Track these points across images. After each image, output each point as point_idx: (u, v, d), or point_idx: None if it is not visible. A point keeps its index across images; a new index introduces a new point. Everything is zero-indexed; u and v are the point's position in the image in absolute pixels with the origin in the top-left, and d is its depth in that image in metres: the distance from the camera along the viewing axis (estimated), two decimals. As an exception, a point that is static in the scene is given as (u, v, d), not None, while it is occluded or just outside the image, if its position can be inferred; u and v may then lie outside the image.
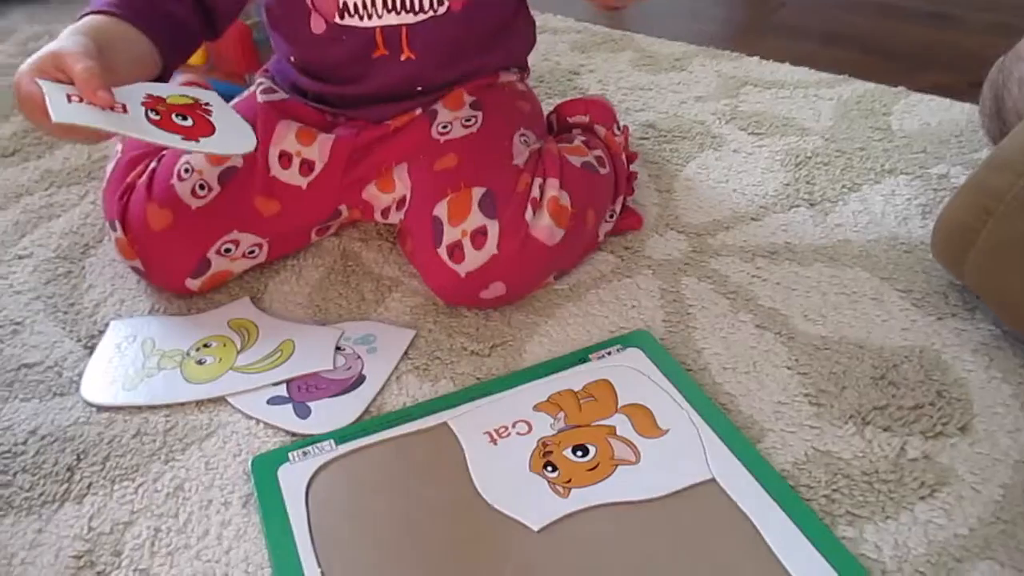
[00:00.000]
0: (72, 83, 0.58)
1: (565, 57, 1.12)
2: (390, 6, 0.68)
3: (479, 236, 0.65)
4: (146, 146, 0.76)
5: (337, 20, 0.69)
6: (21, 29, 1.37)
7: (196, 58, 0.98)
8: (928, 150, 0.88)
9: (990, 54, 0.86)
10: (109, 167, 0.75)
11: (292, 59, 0.74)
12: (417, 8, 0.68)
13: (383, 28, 0.69)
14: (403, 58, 0.70)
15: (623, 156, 0.78)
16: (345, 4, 0.68)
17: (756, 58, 1.11)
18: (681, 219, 0.79)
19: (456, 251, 0.65)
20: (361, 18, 0.68)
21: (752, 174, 0.86)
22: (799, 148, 0.90)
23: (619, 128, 0.81)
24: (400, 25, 0.69)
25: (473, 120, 0.72)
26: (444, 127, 0.72)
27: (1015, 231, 0.59)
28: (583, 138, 0.77)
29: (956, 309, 0.67)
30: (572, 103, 0.84)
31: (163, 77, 0.69)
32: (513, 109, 0.75)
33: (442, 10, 0.69)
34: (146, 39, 0.66)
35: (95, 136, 0.61)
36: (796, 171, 0.86)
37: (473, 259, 0.65)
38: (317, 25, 0.69)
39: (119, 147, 0.78)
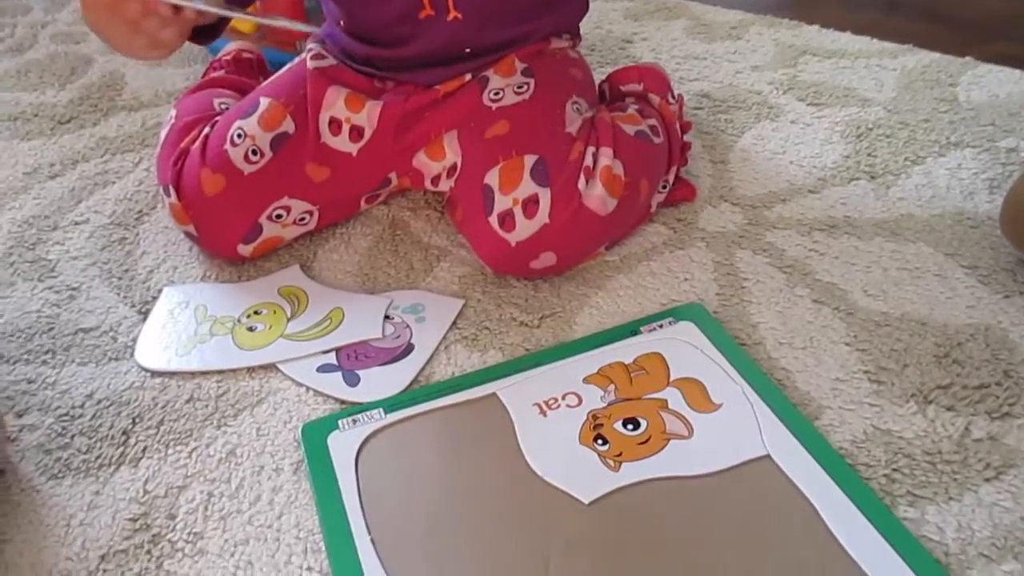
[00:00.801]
0: None
1: (617, 25, 1.10)
2: None
3: (531, 205, 0.64)
4: (201, 111, 0.77)
5: None
6: (77, -1, 1.38)
7: (247, 26, 0.98)
8: (996, 123, 0.85)
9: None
10: (163, 132, 0.76)
11: (341, 23, 0.73)
12: None
13: None
14: (450, 18, 0.69)
15: (677, 126, 0.76)
16: None
17: (816, 26, 1.08)
18: (736, 191, 0.77)
19: (507, 219, 0.65)
20: None
21: (810, 145, 0.83)
22: (860, 119, 0.87)
23: (674, 97, 0.79)
24: None
25: (525, 87, 0.71)
26: (496, 94, 0.71)
27: (1093, 205, 0.57)
28: (637, 107, 0.75)
29: (1025, 287, 0.64)
30: (626, 71, 0.82)
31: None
32: (565, 76, 0.74)
33: None
34: None
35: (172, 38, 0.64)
36: (857, 143, 0.83)
37: (524, 228, 0.64)
38: None
39: (173, 112, 0.78)
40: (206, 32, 0.69)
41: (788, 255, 0.69)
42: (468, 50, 0.72)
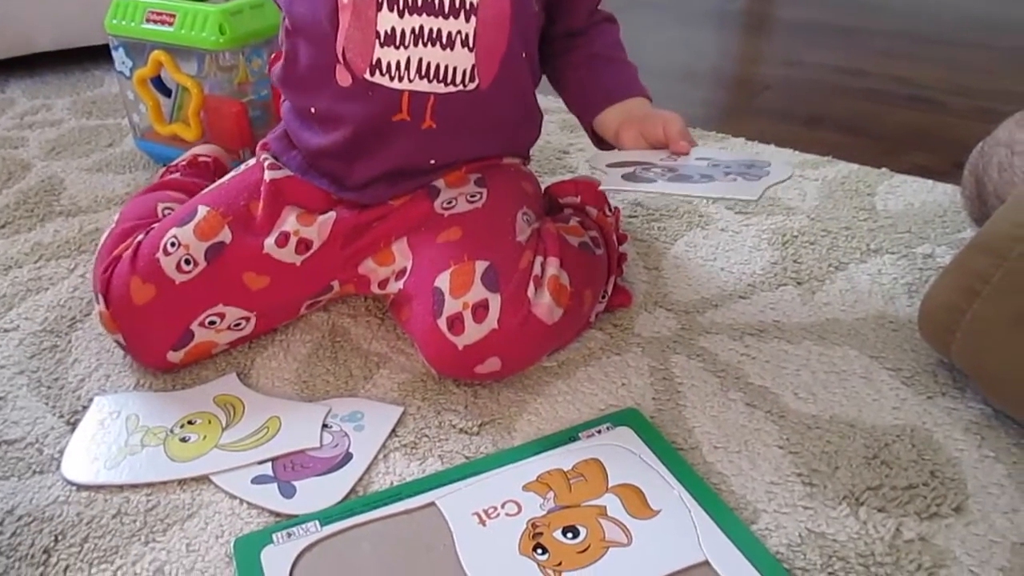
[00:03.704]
0: None
1: (555, 136, 1.15)
2: (423, 73, 0.68)
3: (480, 309, 0.65)
4: (142, 216, 0.77)
5: (367, 76, 0.68)
6: (19, 102, 1.39)
7: (190, 132, 0.99)
8: (913, 230, 0.90)
9: (971, 137, 0.89)
10: (103, 237, 0.76)
11: (312, 111, 0.73)
12: (449, 80, 0.69)
13: (411, 93, 0.69)
14: (424, 126, 0.71)
15: (614, 237, 0.79)
16: (378, 62, 0.67)
17: (741, 139, 1.14)
18: (670, 297, 0.80)
19: (456, 323, 0.65)
20: (391, 79, 0.68)
21: (740, 252, 0.87)
22: (786, 227, 0.91)
23: (610, 210, 0.82)
24: (429, 93, 0.69)
25: (478, 196, 0.73)
26: (448, 202, 0.73)
27: (1001, 312, 0.60)
28: (578, 219, 0.78)
29: (946, 388, 0.67)
30: (563, 184, 0.85)
31: None
32: (517, 188, 0.76)
33: (472, 86, 0.69)
34: None
35: None
36: (783, 250, 0.87)
37: (473, 332, 0.65)
38: (343, 78, 0.69)
39: (115, 217, 0.78)
40: None
41: (721, 359, 0.71)
42: (433, 162, 0.74)
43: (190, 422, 0.66)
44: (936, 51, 1.61)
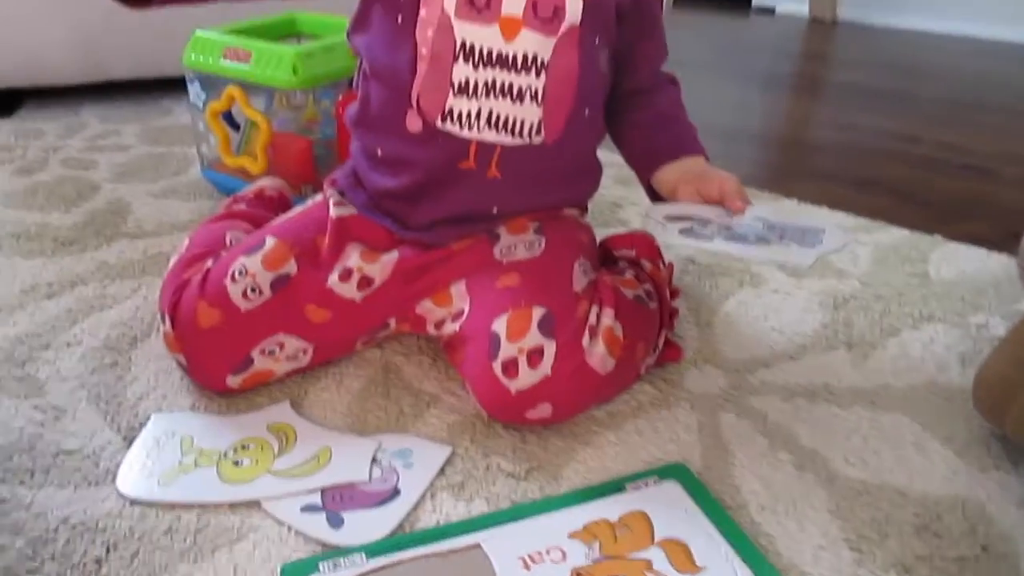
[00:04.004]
0: None
1: (609, 189, 1.16)
2: (492, 123, 0.70)
3: (535, 355, 0.66)
4: (211, 244, 0.79)
5: (437, 124, 0.71)
6: (92, 125, 1.44)
7: (256, 166, 1.03)
8: (966, 299, 0.89)
9: (1025, 207, 0.88)
10: (172, 260, 0.78)
11: (379, 153, 0.76)
12: (517, 132, 0.71)
13: (479, 142, 0.71)
14: (489, 175, 0.73)
15: (667, 291, 0.80)
16: (450, 110, 0.70)
17: (793, 200, 1.14)
18: (720, 354, 0.80)
19: (511, 367, 0.66)
20: (461, 128, 0.70)
21: (791, 313, 0.87)
22: (837, 291, 0.91)
23: (663, 264, 0.83)
24: (496, 144, 0.71)
25: (537, 244, 0.75)
26: (508, 249, 0.75)
27: (1061, 388, 0.60)
28: (632, 272, 0.79)
29: (999, 461, 0.66)
30: (619, 237, 0.86)
31: None
32: (574, 239, 0.78)
33: (538, 140, 0.72)
34: None
35: None
36: (834, 313, 0.87)
37: (526, 377, 0.66)
38: (413, 124, 0.71)
39: (185, 242, 0.80)
40: None
41: (770, 419, 0.71)
42: (495, 210, 0.76)
43: (243, 446, 0.67)
44: (988, 119, 1.61)
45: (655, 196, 0.82)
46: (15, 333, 0.82)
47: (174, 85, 1.28)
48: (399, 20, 0.70)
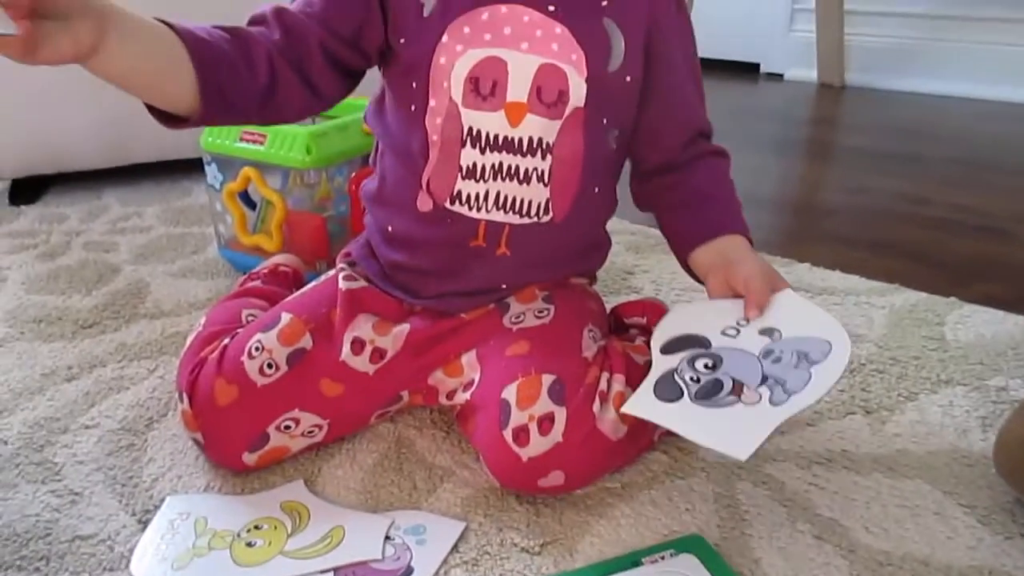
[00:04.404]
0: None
1: (620, 257, 1.17)
2: (500, 204, 0.72)
3: (546, 422, 0.66)
4: (227, 321, 0.80)
5: (447, 205, 0.72)
6: (113, 208, 1.47)
7: (272, 243, 1.05)
8: (984, 361, 0.88)
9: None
10: (189, 338, 0.79)
11: (390, 229, 0.77)
12: (525, 212, 0.72)
13: (488, 222, 0.73)
14: (498, 253, 0.74)
15: (678, 357, 0.79)
16: (459, 193, 0.72)
17: (807, 264, 1.14)
18: (735, 421, 0.79)
19: (521, 435, 0.66)
20: (470, 209, 0.72)
21: (806, 378, 0.86)
22: (853, 355, 0.89)
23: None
24: (505, 223, 0.73)
25: (546, 312, 0.76)
26: (517, 317, 0.76)
27: (1082, 452, 0.58)
28: (644, 338, 0.79)
29: (1025, 529, 0.65)
30: (630, 305, 0.87)
31: (205, 117, 0.65)
32: (583, 306, 0.79)
33: (546, 219, 0.73)
34: (183, 48, 0.62)
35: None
36: (851, 378, 0.86)
37: (537, 445, 0.66)
38: (424, 203, 0.73)
39: (202, 320, 0.82)
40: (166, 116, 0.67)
41: (788, 488, 0.70)
42: (504, 286, 0.77)
43: (256, 527, 0.67)
44: (999, 179, 1.61)
45: (695, 276, 0.80)
46: (34, 418, 0.83)
47: (194, 165, 1.31)
48: (412, 108, 0.72)
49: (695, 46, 0.78)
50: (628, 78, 0.72)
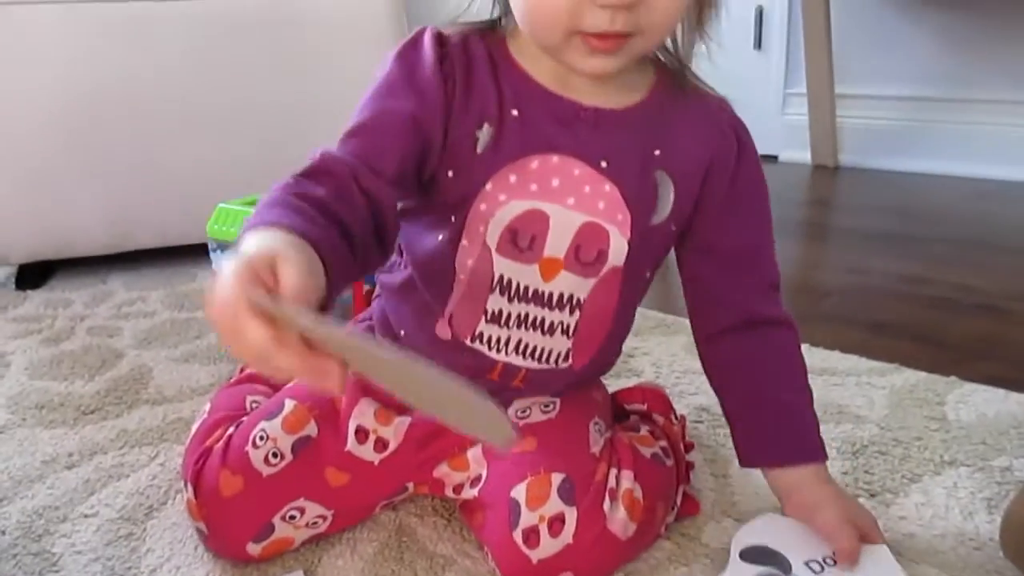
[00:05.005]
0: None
1: (620, 338, 1.17)
2: (520, 351, 0.72)
3: (556, 523, 0.65)
4: (232, 408, 0.80)
5: (467, 342, 0.71)
6: (118, 293, 1.49)
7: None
8: (988, 441, 0.88)
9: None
10: (195, 426, 0.79)
11: (402, 334, 0.76)
12: (543, 360, 0.72)
13: (505, 363, 0.72)
14: (512, 385, 0.74)
15: (682, 447, 0.79)
16: (480, 334, 0.71)
17: (806, 345, 1.14)
18: (738, 506, 0.79)
19: (531, 536, 0.65)
20: (490, 349, 0.72)
21: (809, 461, 0.85)
22: (855, 436, 0.90)
23: (676, 418, 0.84)
24: (522, 367, 0.73)
25: (551, 406, 0.76)
26: (523, 411, 0.75)
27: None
28: (648, 427, 0.79)
29: (1036, 616, 0.64)
30: (630, 391, 0.87)
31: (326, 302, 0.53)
32: (588, 398, 0.79)
33: (564, 366, 0.73)
34: (318, 259, 0.51)
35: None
36: (853, 460, 0.86)
37: (548, 546, 0.65)
38: (443, 332, 0.72)
39: (207, 406, 0.82)
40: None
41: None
42: (514, 407, 0.77)
43: (255, 619, 0.66)
44: (996, 258, 1.63)
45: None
46: (32, 506, 0.83)
47: (199, 250, 1.33)
48: (440, 239, 0.68)
49: (766, 190, 0.75)
50: (673, 227, 0.71)
